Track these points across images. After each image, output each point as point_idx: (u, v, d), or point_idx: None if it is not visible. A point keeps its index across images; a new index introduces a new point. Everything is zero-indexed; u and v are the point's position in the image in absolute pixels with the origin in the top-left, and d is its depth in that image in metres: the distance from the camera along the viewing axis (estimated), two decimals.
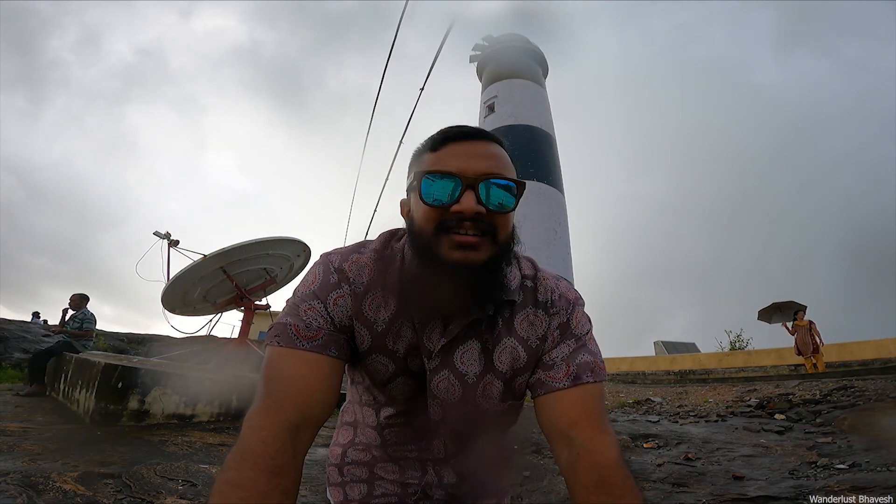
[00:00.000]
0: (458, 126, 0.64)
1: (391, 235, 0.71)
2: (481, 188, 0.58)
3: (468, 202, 0.57)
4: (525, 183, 0.61)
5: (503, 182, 0.60)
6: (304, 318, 0.62)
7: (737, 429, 3.76)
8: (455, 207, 0.58)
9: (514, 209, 0.61)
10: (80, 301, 6.05)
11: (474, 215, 0.58)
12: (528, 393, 0.71)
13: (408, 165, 0.68)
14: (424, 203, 0.59)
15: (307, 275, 0.68)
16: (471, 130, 0.63)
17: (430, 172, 0.59)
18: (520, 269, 0.70)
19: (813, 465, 2.64)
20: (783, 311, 10.71)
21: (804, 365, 8.97)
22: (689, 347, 22.17)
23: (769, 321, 11.34)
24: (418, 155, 0.66)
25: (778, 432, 3.55)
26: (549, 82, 15.75)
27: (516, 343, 0.67)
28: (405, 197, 0.68)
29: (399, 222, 0.70)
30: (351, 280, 0.65)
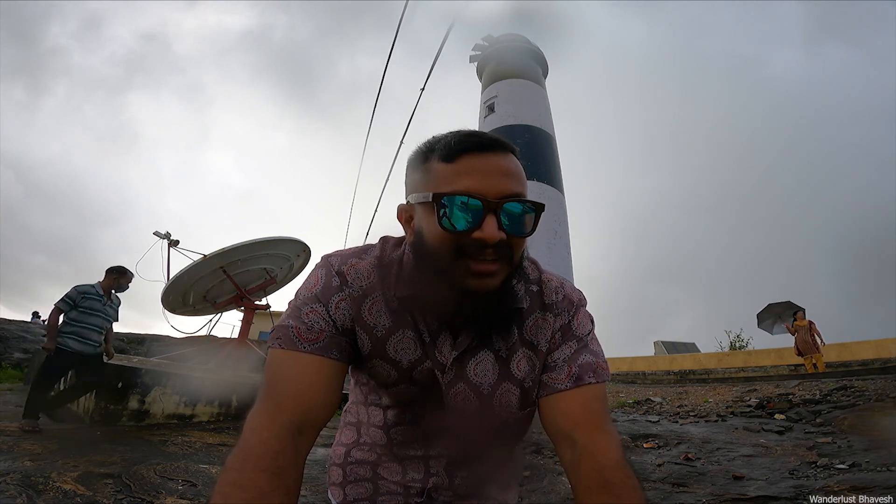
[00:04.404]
0: (473, 134, 0.59)
1: (387, 242, 0.70)
2: (503, 212, 0.55)
3: (491, 229, 0.54)
4: (544, 205, 0.59)
5: (525, 206, 0.57)
6: (306, 321, 0.62)
7: (737, 429, 3.76)
8: (477, 234, 0.55)
9: (532, 234, 0.59)
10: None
11: (496, 243, 0.55)
12: None
13: (406, 167, 0.65)
14: (443, 228, 0.56)
15: (309, 277, 0.67)
16: (488, 141, 0.58)
17: (448, 194, 0.55)
18: (524, 274, 0.69)
19: (813, 465, 2.64)
20: (782, 317, 10.75)
21: (804, 365, 8.98)
22: (689, 347, 22.19)
23: (771, 331, 11.35)
24: (423, 160, 0.61)
25: (778, 432, 3.55)
26: (549, 82, 15.77)
27: (529, 349, 0.67)
28: (403, 202, 0.65)
29: (397, 227, 0.69)
30: (350, 283, 0.65)
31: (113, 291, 4.09)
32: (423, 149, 0.62)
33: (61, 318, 3.79)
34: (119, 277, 4.09)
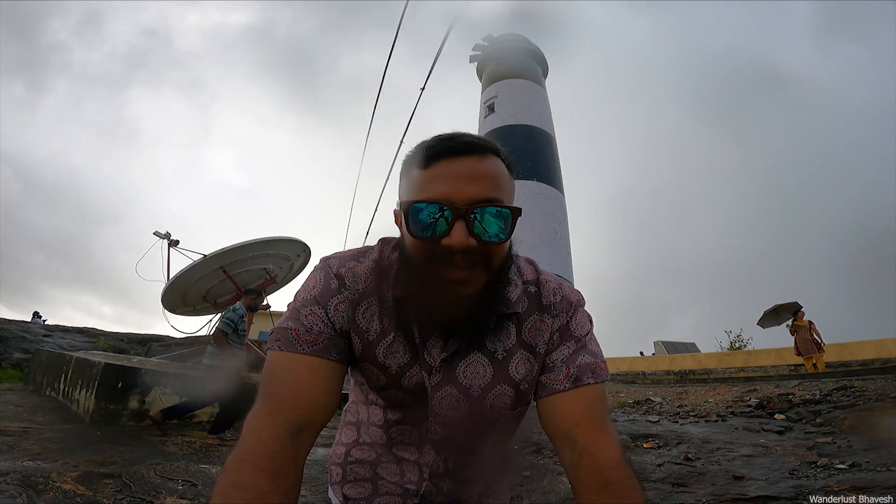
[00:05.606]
0: (448, 138, 0.59)
1: (386, 244, 0.70)
2: (474, 218, 0.55)
3: (458, 236, 0.54)
4: (521, 209, 0.58)
5: (497, 210, 0.56)
6: (305, 323, 0.62)
7: (737, 429, 3.76)
8: (445, 241, 0.55)
9: (508, 239, 0.58)
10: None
11: (465, 249, 0.55)
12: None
13: (399, 172, 0.66)
14: (412, 235, 0.57)
15: (308, 280, 0.68)
16: (461, 145, 0.58)
17: (417, 201, 0.56)
18: (521, 276, 0.69)
19: (813, 465, 2.64)
20: (779, 315, 10.73)
21: (804, 365, 8.98)
22: (689, 347, 22.21)
23: (765, 326, 11.32)
24: (408, 166, 0.62)
25: (778, 432, 3.55)
26: (549, 82, 15.77)
27: (527, 351, 0.67)
28: (398, 207, 0.65)
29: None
30: (347, 286, 0.65)
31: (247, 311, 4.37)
32: (410, 154, 0.63)
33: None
34: (256, 298, 4.43)
